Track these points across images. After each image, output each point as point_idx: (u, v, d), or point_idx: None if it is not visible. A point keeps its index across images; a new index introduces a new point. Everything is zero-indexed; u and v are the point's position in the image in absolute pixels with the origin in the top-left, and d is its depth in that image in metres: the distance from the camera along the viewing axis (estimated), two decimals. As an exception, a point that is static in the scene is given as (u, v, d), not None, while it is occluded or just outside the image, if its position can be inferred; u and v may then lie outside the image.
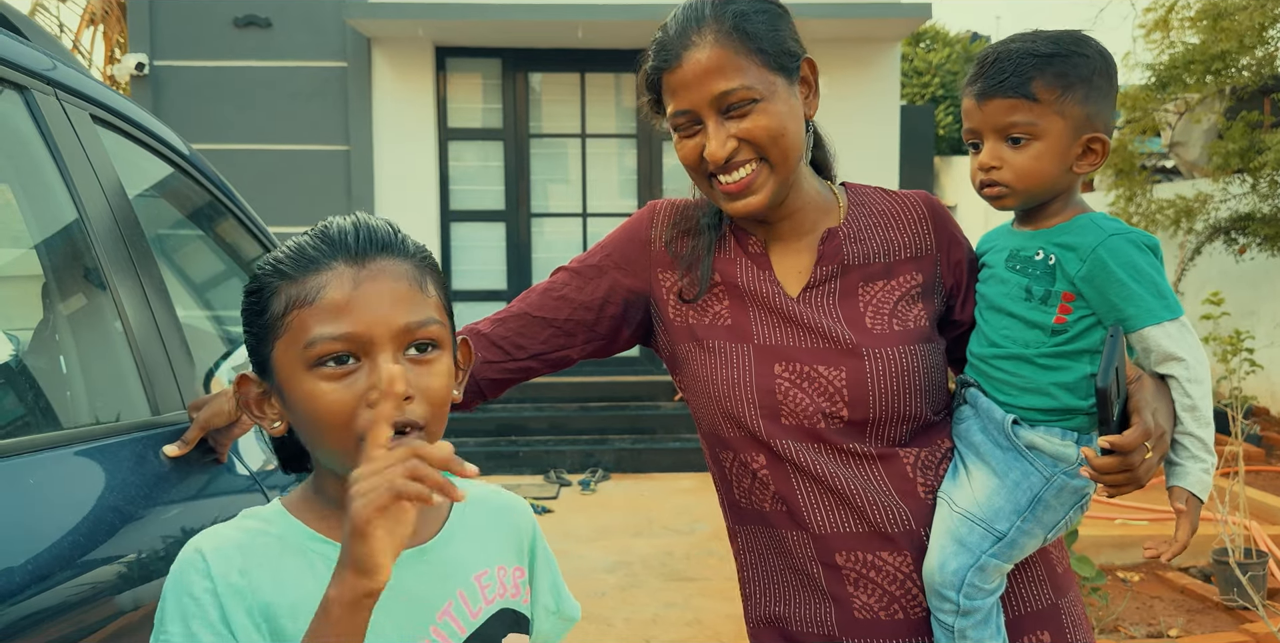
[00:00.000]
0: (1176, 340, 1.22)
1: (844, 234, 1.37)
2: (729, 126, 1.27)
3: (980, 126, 1.29)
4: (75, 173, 1.40)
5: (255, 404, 0.98)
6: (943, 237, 1.40)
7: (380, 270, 0.92)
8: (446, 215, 7.82)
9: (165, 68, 7.46)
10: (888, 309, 1.34)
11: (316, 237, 0.94)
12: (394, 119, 7.57)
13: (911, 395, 1.30)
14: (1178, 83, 8.17)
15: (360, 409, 0.90)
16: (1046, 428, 1.28)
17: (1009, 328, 1.30)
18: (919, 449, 1.32)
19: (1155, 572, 4.38)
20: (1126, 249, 1.22)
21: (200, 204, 2.05)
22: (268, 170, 7.43)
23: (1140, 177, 8.82)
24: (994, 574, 1.26)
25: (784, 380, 1.30)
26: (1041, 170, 1.26)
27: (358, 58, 7.50)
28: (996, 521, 1.26)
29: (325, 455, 0.95)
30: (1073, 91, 1.24)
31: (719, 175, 1.30)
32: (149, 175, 1.82)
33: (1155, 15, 8.35)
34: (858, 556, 1.29)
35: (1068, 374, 1.26)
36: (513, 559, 1.07)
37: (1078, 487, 1.27)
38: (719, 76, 1.25)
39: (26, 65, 1.33)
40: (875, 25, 7.27)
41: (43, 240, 1.47)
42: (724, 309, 1.36)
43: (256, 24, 7.44)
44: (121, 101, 1.65)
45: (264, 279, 0.94)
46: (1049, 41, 1.26)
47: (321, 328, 0.90)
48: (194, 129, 7.26)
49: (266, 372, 0.95)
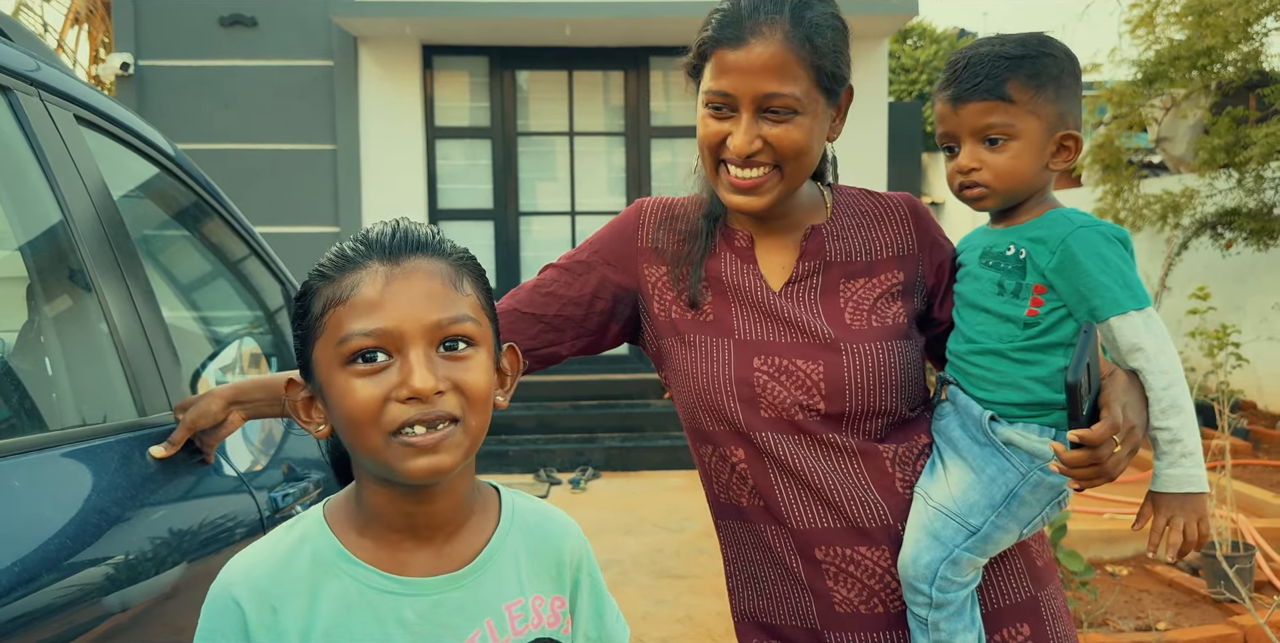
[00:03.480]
0: (1140, 331, 1.23)
1: (827, 232, 1.39)
2: (761, 126, 1.27)
3: (956, 130, 1.31)
4: (59, 174, 1.40)
5: (302, 408, 0.99)
6: (925, 238, 1.43)
7: (414, 268, 0.93)
8: (435, 214, 7.80)
9: (150, 67, 7.42)
10: (867, 306, 1.36)
11: (358, 240, 0.96)
12: (381, 118, 7.55)
13: (887, 390, 1.32)
14: (1163, 79, 8.20)
15: (389, 405, 0.90)
16: (1024, 424, 1.29)
17: (983, 323, 1.32)
18: (896, 445, 1.33)
19: (1143, 566, 4.40)
20: (1094, 240, 1.25)
21: (186, 204, 2.04)
22: (254, 170, 7.40)
23: (1127, 172, 8.85)
24: (967, 568, 1.28)
25: (762, 374, 1.32)
26: (1020, 169, 1.29)
27: (344, 56, 7.47)
28: (971, 515, 1.28)
29: (361, 455, 0.95)
30: (1045, 91, 1.27)
31: (732, 167, 1.30)
32: (134, 176, 1.81)
33: (1140, 11, 8.38)
34: (836, 550, 1.30)
35: (1041, 368, 1.28)
36: (551, 589, 1.06)
37: (1054, 483, 1.29)
38: (774, 77, 1.25)
39: (9, 66, 1.33)
40: (862, 22, 7.27)
41: (27, 242, 1.46)
42: (708, 305, 1.38)
43: (242, 23, 7.40)
44: (106, 102, 1.64)
45: (309, 283, 0.97)
46: (1017, 44, 1.29)
47: (354, 324, 0.91)
48: (180, 129, 7.22)
49: (309, 374, 0.97)
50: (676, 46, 5.32)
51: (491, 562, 1.01)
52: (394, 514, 0.97)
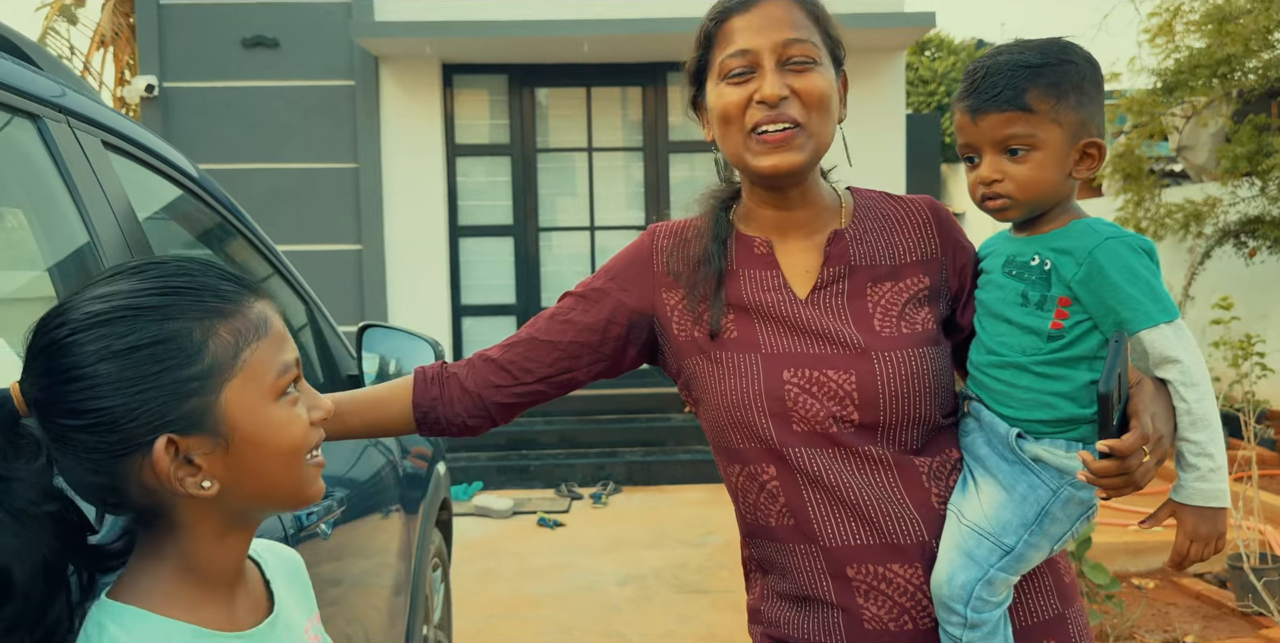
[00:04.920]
0: (1172, 343, 1.22)
1: (850, 236, 1.38)
2: (786, 77, 1.28)
3: (977, 141, 1.29)
4: (86, 197, 1.43)
5: (175, 472, 0.85)
6: (947, 241, 1.41)
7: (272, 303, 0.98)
8: (455, 231, 7.85)
9: (175, 89, 7.53)
10: (896, 312, 1.35)
11: (205, 275, 0.91)
12: (402, 136, 7.62)
13: (920, 398, 1.30)
14: (1184, 87, 8.17)
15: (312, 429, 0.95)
16: (1051, 440, 1.27)
17: (1005, 334, 1.30)
18: (931, 458, 1.32)
19: (1170, 579, 4.36)
20: (1122, 252, 1.22)
21: (210, 225, 2.08)
22: (278, 189, 7.48)
23: (1148, 181, 8.79)
24: (1001, 587, 1.27)
25: (793, 387, 1.30)
26: (1043, 179, 1.26)
27: (365, 76, 7.55)
28: (1004, 535, 1.26)
29: (276, 492, 0.92)
30: (1066, 99, 1.25)
31: (765, 125, 1.28)
32: (160, 198, 1.84)
33: (1160, 20, 8.35)
34: (869, 568, 1.28)
35: (1065, 383, 1.26)
36: (312, 607, 1.09)
37: (1084, 498, 1.27)
38: (791, 26, 1.29)
39: (38, 94, 1.36)
40: (879, 35, 7.29)
41: (55, 263, 1.49)
42: (729, 323, 1.37)
43: (265, 44, 7.50)
44: (132, 127, 1.68)
45: (170, 325, 0.85)
46: (1036, 52, 1.26)
47: (283, 356, 0.92)
48: (204, 149, 7.32)
49: (198, 425, 0.85)
50: None
51: (280, 596, 1.02)
52: (227, 563, 0.93)
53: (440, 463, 3.24)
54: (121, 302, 0.85)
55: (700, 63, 1.36)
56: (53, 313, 0.88)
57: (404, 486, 2.68)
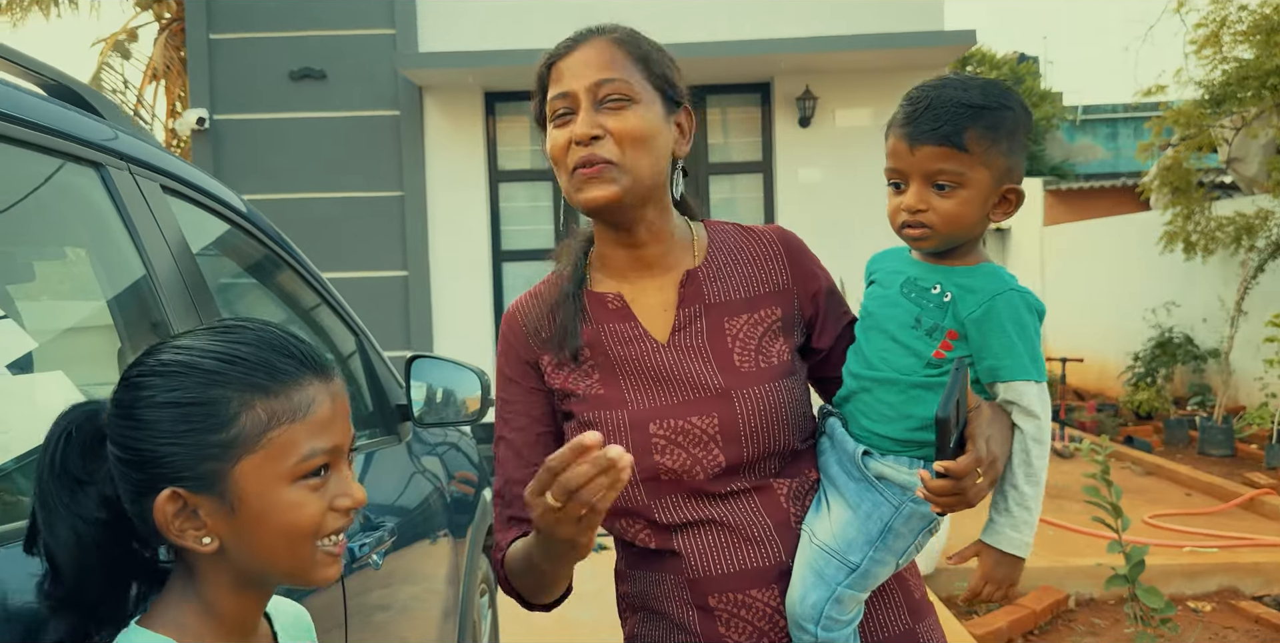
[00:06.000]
0: (1035, 401, 1.28)
1: (704, 274, 1.41)
2: (600, 117, 1.32)
3: (908, 169, 1.32)
4: (145, 238, 1.49)
5: (176, 521, 0.91)
6: (798, 272, 1.44)
7: (340, 385, 0.99)
8: (498, 255, 7.95)
9: (225, 121, 7.73)
10: (754, 345, 1.38)
11: (274, 350, 0.95)
12: (446, 163, 7.75)
13: (780, 429, 1.34)
14: (1232, 98, 8.06)
15: (327, 514, 0.95)
16: (895, 457, 1.32)
17: (888, 351, 1.34)
18: (790, 480, 1.36)
19: (1228, 602, 4.27)
20: (1020, 306, 1.29)
21: (260, 258, 2.14)
22: (326, 218, 7.63)
23: (1198, 194, 8.67)
24: (850, 605, 1.30)
25: (660, 439, 1.32)
26: (964, 216, 1.30)
27: (410, 106, 7.70)
28: (850, 552, 1.30)
29: (270, 566, 0.95)
30: (999, 144, 1.29)
31: (580, 164, 1.32)
32: (213, 235, 1.91)
33: (1206, 31, 8.26)
34: (729, 596, 1.31)
35: (923, 407, 1.31)
36: None
37: (925, 513, 1.31)
38: (604, 67, 1.33)
39: (100, 142, 1.43)
40: (919, 54, 7.29)
41: (114, 297, 1.55)
42: (595, 382, 1.38)
43: (312, 76, 7.68)
44: (188, 169, 1.75)
45: (215, 392, 0.91)
46: (979, 92, 1.29)
47: (314, 442, 0.94)
48: (254, 180, 7.49)
49: (209, 486, 0.91)
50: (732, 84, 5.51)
51: None
52: (242, 615, 0.98)
53: (487, 488, 3.28)
54: (187, 357, 0.93)
55: (540, 108, 1.40)
56: (146, 351, 0.96)
57: (451, 511, 2.72)
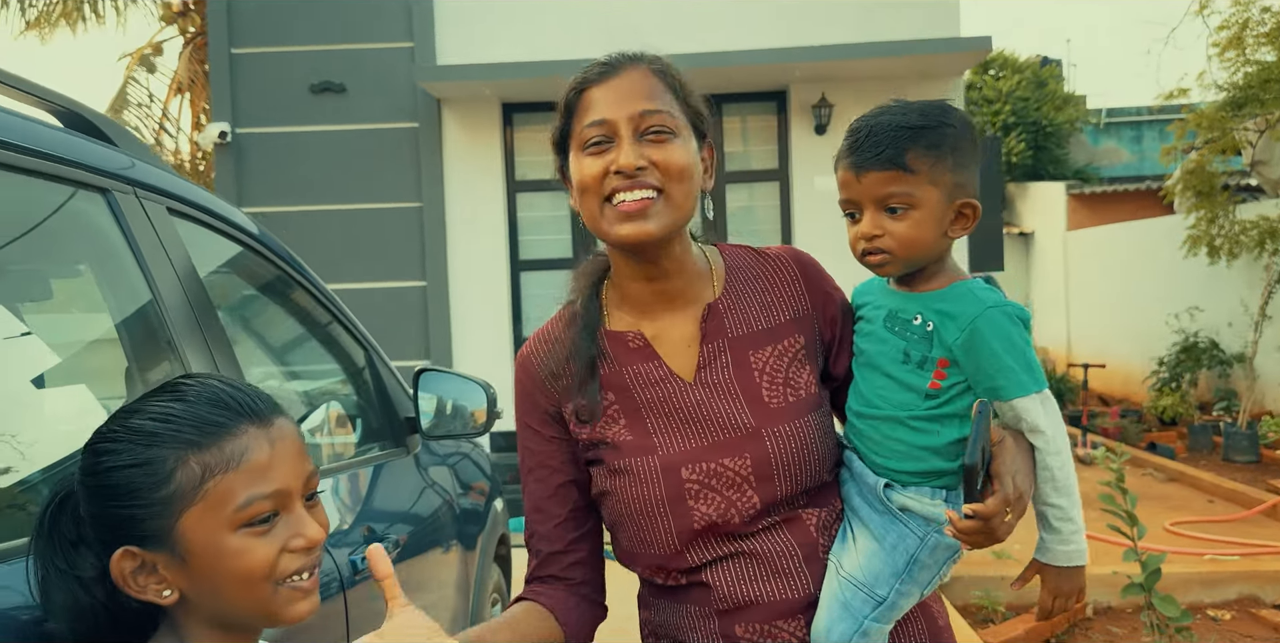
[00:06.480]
0: (1038, 414, 1.28)
1: (724, 306, 1.39)
2: (642, 148, 1.28)
3: (859, 198, 1.33)
4: (151, 260, 1.53)
5: (133, 578, 0.96)
6: (816, 295, 1.43)
7: (283, 429, 1.01)
8: (516, 265, 7.99)
9: (246, 134, 7.82)
10: (781, 378, 1.36)
11: (209, 403, 0.98)
12: (464, 175, 7.81)
13: (811, 464, 1.33)
14: (1255, 101, 7.98)
15: (282, 556, 0.97)
16: (916, 489, 1.32)
17: (885, 388, 1.34)
18: (819, 509, 1.34)
19: (1248, 610, 4.23)
20: (1002, 322, 1.28)
21: (269, 278, 2.18)
22: (346, 229, 7.71)
23: (1221, 197, 8.59)
24: (876, 637, 1.31)
25: (693, 484, 1.30)
26: (921, 237, 1.31)
27: (428, 118, 7.77)
28: (877, 585, 1.30)
29: (236, 608, 0.98)
30: (944, 161, 1.30)
31: (621, 194, 1.27)
32: (221, 255, 1.95)
33: (1229, 33, 8.20)
34: (756, 626, 1.30)
35: (935, 438, 1.30)
36: None
37: (950, 544, 1.31)
38: (648, 97, 1.29)
39: (107, 168, 1.47)
40: (936, 61, 7.28)
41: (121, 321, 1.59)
42: (623, 428, 1.35)
43: (332, 90, 7.76)
44: (196, 191, 1.79)
45: (152, 452, 0.95)
46: (917, 114, 1.31)
47: (253, 489, 0.95)
48: (275, 193, 7.58)
49: (160, 542, 0.95)
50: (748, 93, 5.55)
51: None
52: None
53: (498, 499, 3.31)
54: (133, 422, 0.97)
55: (563, 132, 1.36)
56: (110, 417, 1.00)
57: (461, 521, 2.75)
